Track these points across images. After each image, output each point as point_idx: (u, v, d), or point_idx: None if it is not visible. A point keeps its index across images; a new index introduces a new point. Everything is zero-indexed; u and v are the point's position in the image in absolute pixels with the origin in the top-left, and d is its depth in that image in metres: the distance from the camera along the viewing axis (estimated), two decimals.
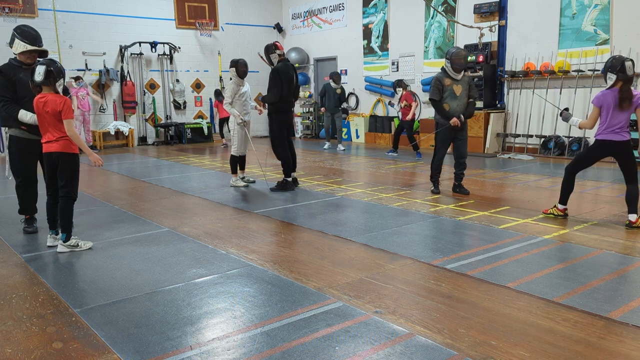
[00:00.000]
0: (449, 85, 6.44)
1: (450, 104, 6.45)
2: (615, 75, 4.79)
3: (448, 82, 6.43)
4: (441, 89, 6.43)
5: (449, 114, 6.44)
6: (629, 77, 4.77)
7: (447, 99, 6.45)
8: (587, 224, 5.14)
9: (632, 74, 4.81)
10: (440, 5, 12.09)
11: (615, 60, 4.80)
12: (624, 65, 4.74)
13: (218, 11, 15.34)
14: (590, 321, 3.01)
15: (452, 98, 6.45)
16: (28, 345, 2.87)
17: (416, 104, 10.89)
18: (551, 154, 10.15)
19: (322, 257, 4.31)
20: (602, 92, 4.94)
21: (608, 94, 4.86)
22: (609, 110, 4.86)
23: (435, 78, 6.51)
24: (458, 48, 6.53)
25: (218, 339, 2.88)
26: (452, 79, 6.45)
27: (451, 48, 6.57)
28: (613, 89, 4.85)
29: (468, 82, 6.57)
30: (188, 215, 5.91)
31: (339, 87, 12.03)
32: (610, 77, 4.83)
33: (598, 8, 9.50)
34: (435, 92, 6.45)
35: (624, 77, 4.76)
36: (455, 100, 6.46)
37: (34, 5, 12.47)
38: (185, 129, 14.68)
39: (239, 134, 7.46)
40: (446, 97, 6.44)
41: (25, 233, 5.20)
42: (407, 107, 10.61)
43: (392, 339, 2.83)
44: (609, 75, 4.83)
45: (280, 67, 7.02)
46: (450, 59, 6.38)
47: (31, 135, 4.93)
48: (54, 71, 4.32)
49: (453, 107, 6.45)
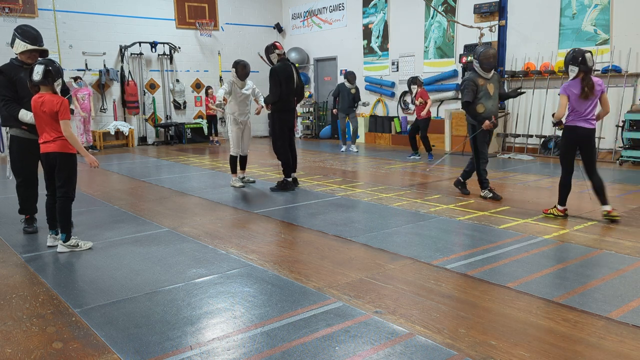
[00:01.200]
0: (483, 85, 6.20)
1: (486, 104, 6.23)
2: (577, 67, 5.03)
3: (482, 82, 6.20)
4: (475, 90, 6.17)
5: (483, 116, 6.19)
6: (589, 68, 5.01)
7: (482, 99, 6.21)
8: (587, 224, 5.14)
9: (592, 65, 5.05)
10: (440, 5, 12.09)
11: (576, 53, 5.05)
12: (585, 57, 4.98)
13: (218, 11, 15.35)
14: (590, 321, 3.01)
15: (486, 98, 6.24)
16: (28, 345, 2.87)
17: (431, 102, 10.46)
18: (551, 154, 10.15)
19: (322, 257, 4.31)
20: (567, 82, 5.19)
21: (572, 84, 5.10)
22: (575, 100, 5.09)
23: (467, 79, 6.24)
24: (486, 46, 6.34)
25: (218, 339, 2.88)
26: (485, 79, 6.23)
27: (478, 47, 6.36)
28: (576, 79, 5.08)
29: (498, 79, 6.41)
30: (188, 215, 5.91)
31: (353, 87, 11.62)
32: (573, 70, 5.07)
33: (598, 8, 9.50)
34: (470, 94, 6.16)
35: (585, 69, 5.00)
36: (490, 100, 6.26)
37: (34, 5, 12.47)
38: (185, 129, 14.69)
39: (234, 133, 7.46)
40: (481, 97, 6.20)
41: (25, 233, 5.20)
42: (422, 105, 10.19)
43: (392, 339, 2.83)
44: (571, 67, 5.07)
45: (279, 67, 7.02)
46: (479, 58, 6.18)
47: (32, 135, 4.93)
48: (52, 71, 4.32)
49: (488, 107, 6.23)
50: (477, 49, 6.34)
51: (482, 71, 6.22)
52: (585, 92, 5.01)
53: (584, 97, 5.03)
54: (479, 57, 6.20)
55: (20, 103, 4.90)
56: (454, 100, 12.12)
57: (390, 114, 13.79)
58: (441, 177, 8.17)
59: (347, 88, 11.59)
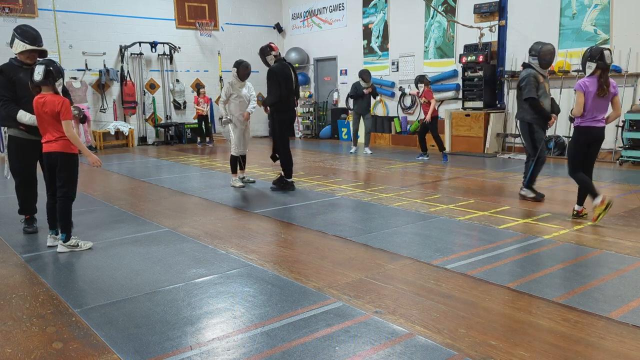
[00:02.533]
0: (542, 83, 5.94)
1: (544, 102, 5.96)
2: (595, 64, 5.00)
3: (541, 80, 5.94)
4: (537, 86, 5.88)
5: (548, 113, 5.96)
6: (607, 65, 5.00)
7: (541, 97, 5.93)
8: (587, 224, 5.14)
9: (610, 63, 5.03)
10: (440, 5, 12.09)
11: (594, 50, 5.05)
12: (603, 54, 4.98)
13: (218, 11, 15.35)
14: (590, 321, 3.01)
15: (545, 96, 5.97)
16: (28, 345, 2.87)
17: (435, 102, 10.00)
18: (551, 154, 10.15)
19: (322, 257, 4.31)
20: (583, 80, 5.12)
21: (589, 82, 5.06)
22: (591, 98, 5.05)
23: (528, 75, 5.91)
24: (543, 43, 6.02)
25: (218, 339, 2.88)
26: (543, 76, 5.97)
27: (535, 44, 6.04)
28: (593, 76, 5.05)
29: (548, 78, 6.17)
30: (188, 215, 5.91)
31: (369, 86, 10.97)
32: (590, 66, 5.05)
33: (598, 8, 9.50)
34: (533, 90, 5.86)
35: (603, 65, 4.98)
36: (547, 99, 6.00)
37: (34, 5, 12.47)
38: (185, 129, 14.69)
39: (236, 133, 7.46)
40: (540, 95, 5.92)
41: (25, 233, 5.20)
42: (427, 104, 9.86)
43: (392, 339, 2.83)
44: (588, 64, 5.06)
45: (276, 67, 7.01)
46: (539, 55, 5.89)
47: (30, 135, 4.93)
48: (53, 71, 4.32)
49: (546, 106, 5.99)
50: (535, 45, 6.03)
51: (541, 68, 5.95)
52: (603, 90, 4.98)
53: (601, 94, 4.99)
54: (538, 54, 5.91)
55: (19, 103, 4.90)
56: (454, 101, 12.13)
57: (390, 114, 13.80)
58: (441, 177, 8.17)
59: (362, 87, 11.01)
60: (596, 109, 5.08)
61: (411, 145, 12.63)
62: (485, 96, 10.98)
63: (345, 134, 14.42)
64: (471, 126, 10.95)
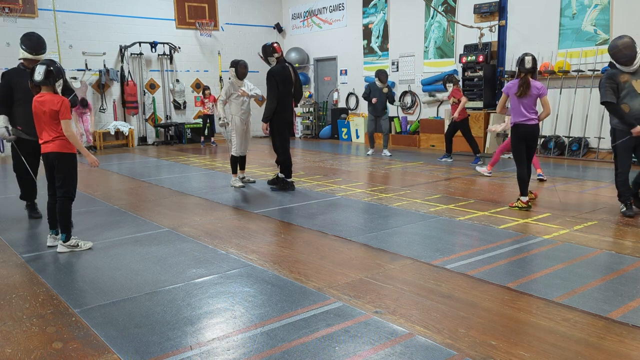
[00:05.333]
0: (627, 82, 5.29)
1: (631, 104, 5.28)
2: (517, 69, 5.70)
3: (625, 78, 5.30)
4: (616, 88, 5.30)
5: (631, 118, 5.27)
6: (527, 69, 5.61)
7: (626, 99, 5.30)
8: (587, 224, 5.14)
9: (530, 67, 5.61)
10: (440, 5, 12.09)
11: (519, 57, 5.70)
12: (524, 60, 5.62)
13: (218, 11, 15.35)
14: (590, 321, 3.01)
15: (632, 96, 5.28)
16: (28, 345, 2.87)
17: (465, 101, 9.35)
18: (551, 154, 10.15)
19: (322, 257, 4.31)
20: (510, 82, 5.83)
21: (512, 84, 5.76)
22: (513, 98, 5.72)
23: (604, 77, 5.43)
24: (618, 37, 5.42)
25: (218, 339, 2.88)
26: (627, 73, 5.32)
27: (612, 40, 5.47)
28: (517, 79, 5.71)
29: None
30: (188, 215, 5.91)
31: (385, 86, 10.49)
32: (516, 70, 5.73)
33: (598, 8, 9.50)
34: (609, 94, 5.30)
35: (523, 69, 5.64)
36: (636, 99, 5.28)
37: (34, 5, 12.47)
38: (185, 129, 14.69)
39: (237, 134, 7.46)
40: (624, 96, 5.30)
41: (31, 218, 5.61)
42: (456, 104, 9.38)
43: (392, 339, 2.83)
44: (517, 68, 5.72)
45: (275, 69, 7.00)
46: (610, 52, 5.37)
47: (27, 135, 5.20)
48: (53, 71, 4.33)
49: (635, 107, 5.27)
50: (610, 43, 5.48)
51: (621, 65, 5.34)
52: (521, 91, 5.60)
53: (520, 95, 5.61)
54: (610, 52, 5.40)
55: (11, 105, 5.33)
56: None
57: (390, 114, 13.77)
58: (440, 177, 8.17)
59: (378, 88, 10.51)
60: (524, 108, 5.65)
61: (411, 146, 12.64)
62: (485, 96, 10.98)
63: (345, 134, 14.41)
64: (471, 126, 10.92)
